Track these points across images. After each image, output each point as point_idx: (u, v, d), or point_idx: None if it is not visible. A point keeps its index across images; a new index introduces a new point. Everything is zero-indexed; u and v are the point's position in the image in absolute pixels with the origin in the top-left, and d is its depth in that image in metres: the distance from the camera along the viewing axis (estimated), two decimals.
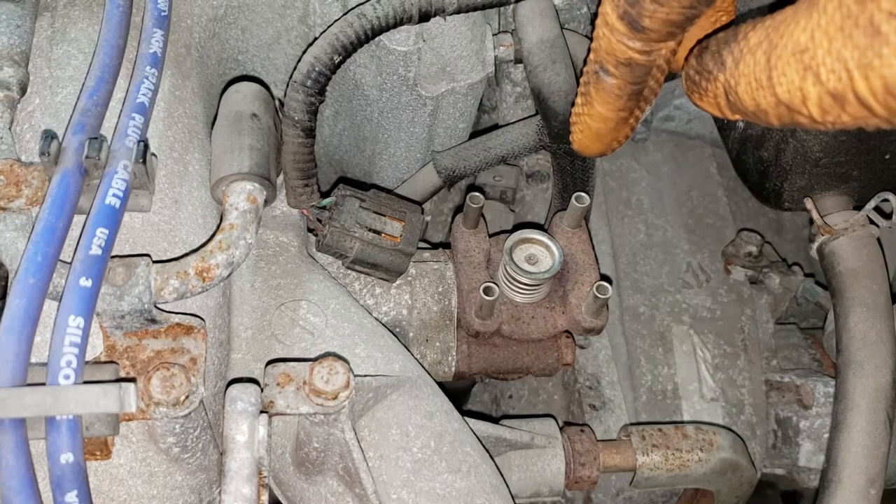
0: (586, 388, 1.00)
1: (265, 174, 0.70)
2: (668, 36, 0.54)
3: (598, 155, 0.64)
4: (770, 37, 0.44)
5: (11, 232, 0.60)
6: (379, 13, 0.78)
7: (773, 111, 0.44)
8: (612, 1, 0.54)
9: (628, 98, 0.59)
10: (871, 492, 0.79)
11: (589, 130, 0.63)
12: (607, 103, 0.59)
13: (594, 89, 0.59)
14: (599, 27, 0.56)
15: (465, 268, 0.85)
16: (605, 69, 0.57)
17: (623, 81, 0.57)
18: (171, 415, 0.57)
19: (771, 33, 0.44)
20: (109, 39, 0.70)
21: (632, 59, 0.55)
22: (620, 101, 0.59)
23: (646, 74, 0.57)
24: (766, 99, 0.44)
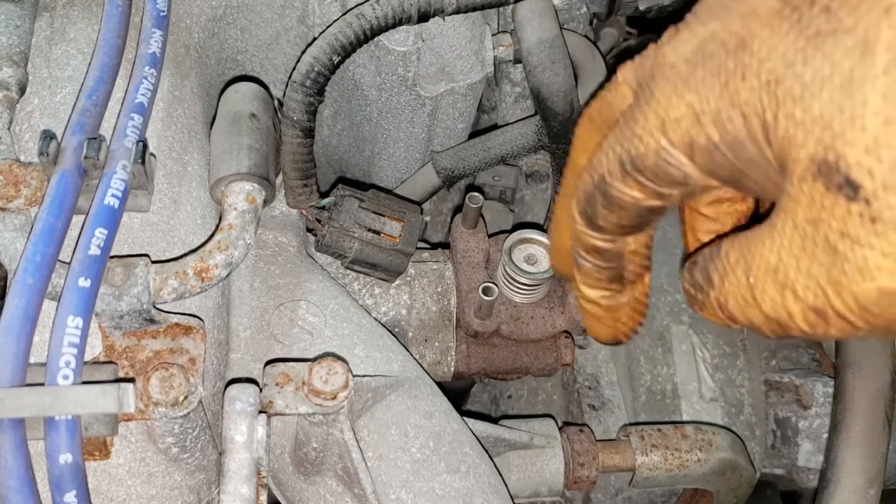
0: (585, 388, 1.00)
1: (264, 174, 0.70)
2: (627, 233, 0.55)
3: (611, 342, 0.65)
4: (745, 256, 0.44)
5: (10, 232, 0.60)
6: (378, 13, 0.78)
7: (766, 326, 0.44)
8: (576, 194, 0.55)
9: (608, 281, 0.59)
10: (869, 492, 0.79)
11: (587, 314, 0.63)
12: (589, 286, 0.60)
13: (577, 272, 0.60)
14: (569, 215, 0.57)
15: (464, 268, 0.85)
16: (579, 254, 0.58)
17: (595, 266, 0.58)
18: (169, 415, 0.57)
19: (745, 252, 0.44)
20: (108, 39, 0.70)
21: (597, 246, 0.56)
22: (601, 283, 0.59)
23: (618, 258, 0.57)
24: (756, 315, 0.44)
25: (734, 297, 0.45)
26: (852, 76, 0.37)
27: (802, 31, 0.39)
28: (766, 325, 0.44)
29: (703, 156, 0.45)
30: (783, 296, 0.42)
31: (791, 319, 0.42)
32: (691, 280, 0.50)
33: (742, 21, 0.43)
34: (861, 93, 0.36)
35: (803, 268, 0.40)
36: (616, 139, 0.50)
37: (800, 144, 0.39)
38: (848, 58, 0.37)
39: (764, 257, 0.43)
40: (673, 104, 0.45)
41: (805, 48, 0.39)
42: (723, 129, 0.43)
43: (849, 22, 0.38)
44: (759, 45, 0.42)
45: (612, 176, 0.50)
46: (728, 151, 0.44)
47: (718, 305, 0.47)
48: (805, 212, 0.40)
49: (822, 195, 0.38)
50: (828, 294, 0.40)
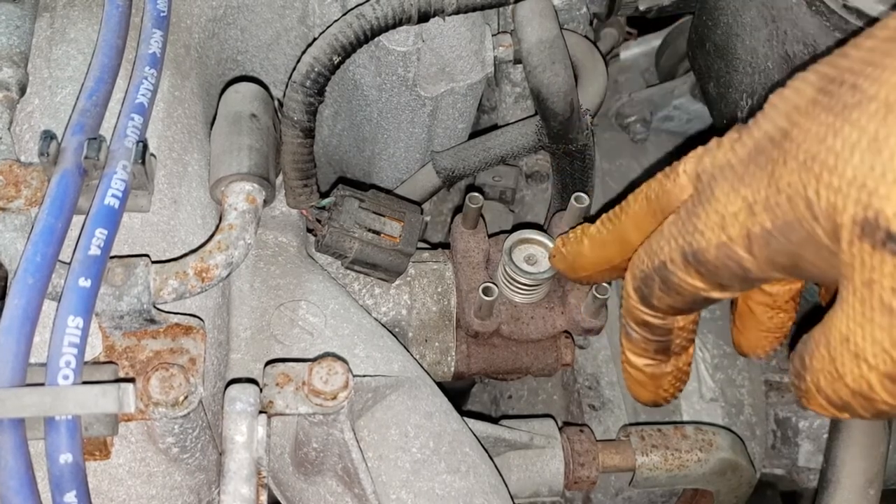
0: (585, 389, 1.00)
1: (264, 174, 0.70)
2: (678, 314, 0.58)
3: (651, 404, 0.69)
4: (824, 331, 0.45)
5: (10, 232, 0.60)
6: (378, 14, 0.78)
7: (855, 402, 0.45)
8: (631, 271, 0.58)
9: (655, 352, 0.63)
10: (869, 492, 0.79)
11: (631, 379, 0.66)
12: (636, 354, 0.64)
13: (625, 340, 0.64)
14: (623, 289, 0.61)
15: (464, 268, 0.85)
16: (629, 324, 0.62)
17: (643, 338, 0.62)
18: (169, 415, 0.57)
19: (825, 328, 0.45)
20: (109, 40, 0.70)
21: (648, 322, 0.59)
22: (648, 353, 0.63)
23: (666, 334, 0.61)
24: (843, 391, 0.45)
25: (822, 374, 0.46)
26: (877, 136, 0.38)
27: (832, 109, 0.42)
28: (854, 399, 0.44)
29: (759, 246, 0.47)
30: (859, 366, 0.42)
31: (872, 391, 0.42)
32: (793, 370, 0.50)
33: (786, 116, 0.46)
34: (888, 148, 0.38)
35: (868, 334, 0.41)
36: (679, 230, 0.52)
37: (842, 210, 0.41)
38: (873, 121, 0.39)
39: (837, 328, 0.44)
40: (731, 200, 0.48)
41: (835, 122, 0.41)
42: (773, 214, 0.45)
43: (871, 91, 0.40)
44: (797, 132, 0.44)
45: (673, 264, 0.53)
46: (781, 236, 0.46)
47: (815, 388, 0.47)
48: (859, 275, 0.41)
49: (870, 255, 0.40)
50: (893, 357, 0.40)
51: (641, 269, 0.57)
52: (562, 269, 0.74)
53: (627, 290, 0.59)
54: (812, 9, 0.69)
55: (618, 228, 0.62)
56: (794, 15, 0.72)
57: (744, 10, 0.82)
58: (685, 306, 0.56)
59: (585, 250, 0.67)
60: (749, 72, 0.82)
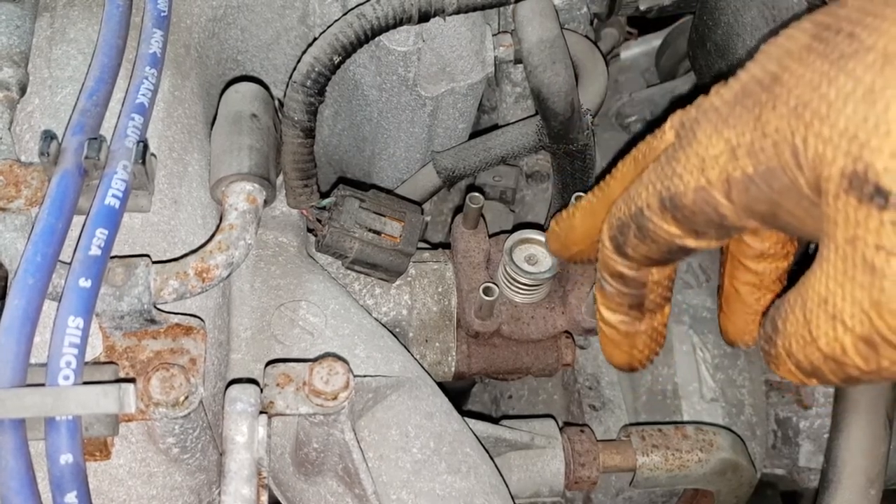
0: (586, 389, 1.00)
1: (265, 174, 0.70)
2: (652, 264, 0.56)
3: (626, 368, 0.66)
4: (801, 293, 0.44)
5: (11, 232, 0.60)
6: (378, 13, 0.78)
7: (825, 367, 0.43)
8: (608, 220, 0.57)
9: (629, 307, 0.61)
10: (870, 492, 0.79)
11: (605, 337, 0.64)
12: (610, 309, 0.62)
13: (599, 295, 0.62)
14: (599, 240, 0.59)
15: (464, 268, 0.85)
16: (603, 277, 0.60)
17: (617, 291, 0.60)
18: (170, 415, 0.57)
19: (801, 289, 0.44)
20: (109, 40, 0.70)
21: (621, 272, 0.58)
22: (622, 308, 0.61)
23: (640, 287, 0.59)
24: (815, 355, 0.43)
25: (795, 338, 0.44)
26: (873, 87, 0.37)
27: (828, 57, 0.41)
28: (824, 365, 0.43)
29: (739, 191, 0.45)
30: (834, 328, 0.41)
31: (845, 354, 0.41)
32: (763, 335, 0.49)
33: (777, 60, 0.44)
34: (883, 100, 0.37)
35: (847, 293, 0.40)
36: (657, 175, 0.51)
37: (830, 161, 0.39)
38: (869, 71, 0.38)
39: (815, 289, 0.42)
40: (713, 142, 0.46)
41: (829, 71, 0.40)
42: (756, 159, 0.44)
43: (870, 41, 0.38)
44: (788, 76, 0.43)
45: (650, 210, 0.51)
46: (762, 183, 0.44)
47: (786, 353, 0.46)
48: (842, 231, 0.39)
49: (856, 209, 0.38)
50: (871, 318, 0.39)
51: (618, 217, 0.55)
52: (556, 249, 0.73)
53: (603, 240, 0.57)
54: (812, 9, 0.69)
55: (606, 193, 0.60)
56: (795, 15, 0.72)
57: (744, 10, 0.82)
58: (660, 256, 0.54)
59: (577, 222, 0.65)
60: None
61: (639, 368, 0.66)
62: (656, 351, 0.65)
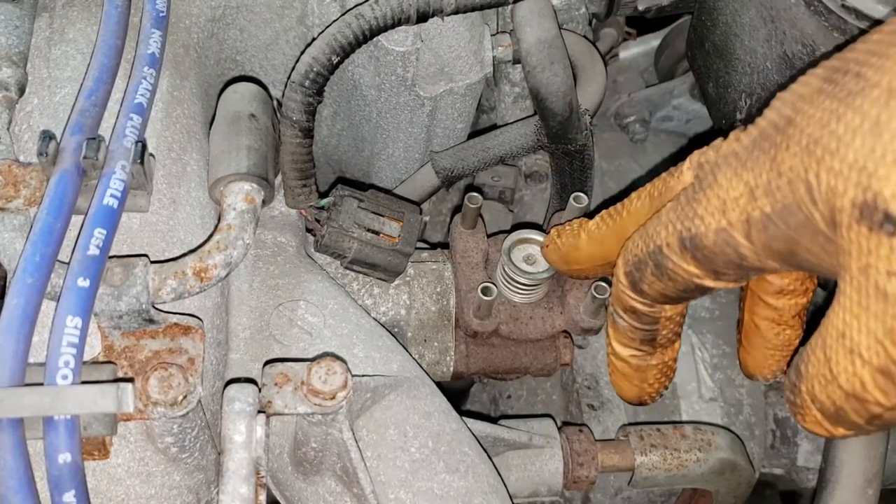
0: (584, 388, 1.00)
1: (263, 174, 0.70)
2: (667, 302, 0.57)
3: (635, 402, 0.67)
4: (821, 333, 0.44)
5: (9, 232, 0.60)
6: (377, 14, 0.78)
7: (848, 406, 0.43)
8: (624, 256, 0.58)
9: (640, 342, 0.62)
10: (868, 492, 0.79)
11: (615, 371, 0.66)
12: (621, 343, 0.63)
13: (611, 329, 0.63)
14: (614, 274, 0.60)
15: (463, 268, 0.85)
16: (616, 311, 0.61)
17: (630, 325, 0.61)
18: (168, 415, 0.57)
19: (821, 329, 0.44)
20: (108, 40, 0.70)
21: (635, 308, 0.59)
22: (634, 343, 0.62)
23: (653, 323, 0.60)
24: (836, 394, 0.43)
25: (817, 379, 0.44)
26: (879, 120, 0.39)
27: (836, 96, 0.42)
28: (847, 404, 0.43)
29: (758, 231, 0.46)
30: (853, 363, 0.41)
31: (865, 390, 0.41)
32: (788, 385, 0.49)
33: (791, 105, 0.46)
34: (889, 132, 0.38)
35: (863, 325, 0.40)
36: (677, 215, 0.52)
37: (841, 193, 0.40)
38: (875, 106, 0.39)
39: (834, 325, 0.42)
40: (733, 185, 0.48)
41: (838, 108, 0.41)
42: (773, 198, 0.45)
43: (875, 78, 0.40)
44: (801, 118, 0.44)
45: (669, 249, 0.52)
46: (780, 220, 0.45)
47: (810, 398, 0.46)
48: (856, 261, 0.40)
49: (867, 238, 0.39)
50: (886, 347, 0.39)
51: (635, 254, 0.56)
52: (553, 260, 0.73)
53: (618, 275, 0.59)
54: (811, 9, 0.70)
55: (618, 224, 0.61)
56: (793, 15, 0.72)
57: (742, 11, 0.82)
58: (675, 294, 0.55)
59: (582, 244, 0.66)
60: (748, 72, 0.82)
61: (648, 402, 0.67)
62: (666, 385, 0.66)
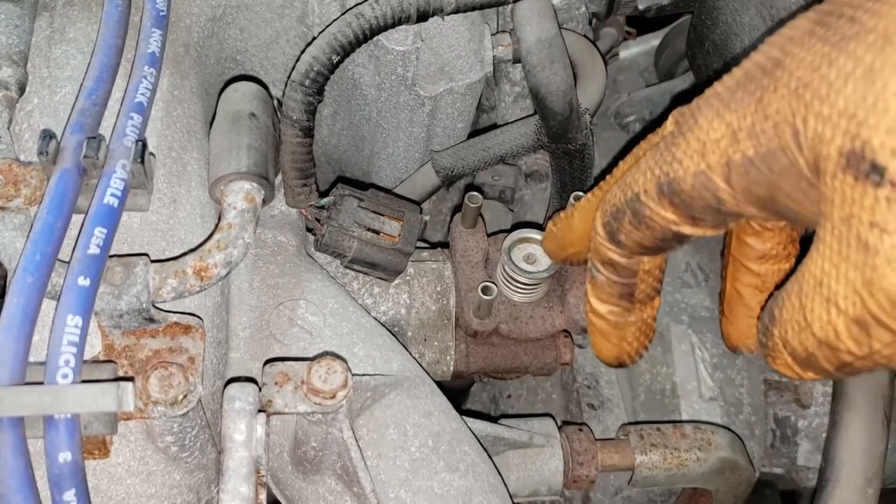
0: (585, 388, 1.00)
1: (263, 174, 0.70)
2: (645, 253, 0.56)
3: (614, 363, 0.65)
4: (798, 279, 0.43)
5: (10, 231, 0.60)
6: (377, 13, 0.78)
7: (820, 353, 0.42)
8: (602, 207, 0.56)
9: (619, 297, 0.60)
10: (868, 491, 0.79)
11: (594, 329, 0.64)
12: (600, 299, 0.61)
13: (589, 285, 0.62)
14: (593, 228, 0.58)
15: (463, 267, 0.85)
16: (595, 265, 0.59)
17: (607, 280, 0.59)
18: (169, 414, 0.57)
19: (798, 275, 0.43)
20: (108, 39, 0.70)
21: (613, 260, 0.57)
22: (612, 298, 0.60)
23: (631, 276, 0.58)
24: (809, 340, 0.43)
25: (790, 324, 0.44)
26: (873, 66, 0.37)
27: (829, 40, 0.41)
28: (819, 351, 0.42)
29: (738, 175, 0.45)
30: (828, 311, 0.41)
31: (838, 339, 0.40)
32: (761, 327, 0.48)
33: (780, 46, 0.44)
34: (881, 79, 0.37)
35: (842, 274, 0.39)
36: (655, 161, 0.50)
37: (829, 140, 0.39)
38: (869, 51, 0.38)
39: (811, 272, 0.42)
40: (714, 126, 0.46)
41: (830, 52, 0.40)
42: (756, 142, 0.43)
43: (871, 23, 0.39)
44: (790, 60, 0.43)
45: (647, 195, 0.51)
46: (762, 165, 0.44)
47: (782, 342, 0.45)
48: (838, 210, 0.39)
49: (852, 187, 0.38)
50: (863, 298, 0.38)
51: (613, 204, 0.55)
52: (551, 250, 0.72)
53: (596, 227, 0.57)
54: (810, 6, 0.69)
55: (604, 192, 0.60)
56: (793, 14, 0.72)
57: (742, 10, 0.82)
58: (654, 244, 0.54)
59: (575, 222, 0.65)
60: None
61: (627, 363, 0.65)
62: (645, 345, 0.64)
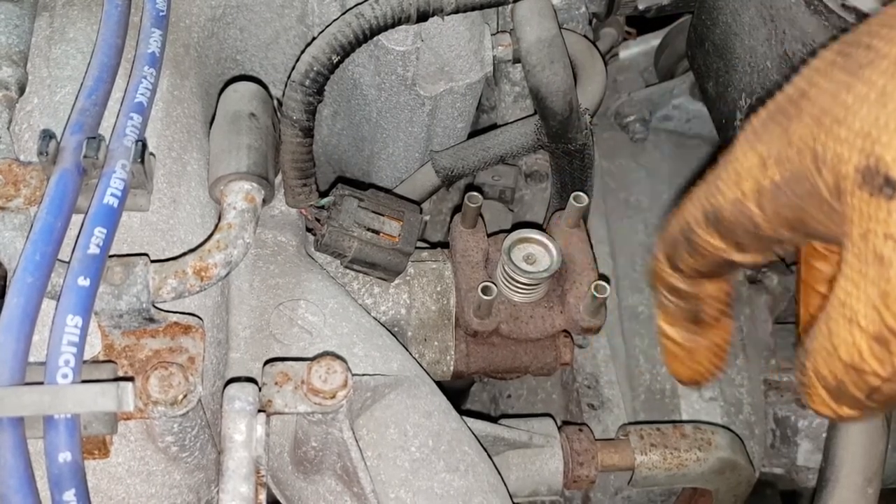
0: (585, 388, 1.00)
1: (263, 174, 0.70)
2: (704, 277, 0.59)
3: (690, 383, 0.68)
4: (826, 308, 0.45)
5: (10, 231, 0.60)
6: (377, 13, 0.78)
7: (847, 379, 0.43)
8: (662, 237, 0.59)
9: (686, 321, 0.63)
10: (868, 491, 0.79)
11: (667, 352, 0.66)
12: (668, 323, 0.64)
13: (659, 311, 0.65)
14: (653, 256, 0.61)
15: (463, 267, 0.85)
16: (661, 292, 0.62)
17: (674, 305, 0.62)
18: (169, 414, 0.57)
19: (827, 304, 0.45)
20: (108, 39, 0.70)
21: (676, 287, 0.60)
22: (679, 322, 0.63)
23: (696, 300, 0.61)
24: (837, 366, 0.43)
25: (820, 353, 0.44)
26: (885, 90, 0.39)
27: (848, 68, 0.43)
28: (846, 376, 0.43)
29: (768, 200, 0.47)
30: (851, 332, 0.41)
31: (862, 360, 0.41)
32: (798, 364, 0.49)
33: (806, 78, 0.47)
34: (893, 100, 0.39)
35: (861, 292, 0.40)
36: (703, 192, 0.54)
37: (846, 160, 0.41)
38: (883, 76, 0.40)
39: (836, 295, 0.43)
40: (747, 157, 0.49)
41: (848, 80, 0.42)
42: (783, 168, 0.46)
43: (885, 50, 0.41)
44: (814, 90, 0.45)
45: (697, 224, 0.54)
46: (788, 189, 0.46)
47: (815, 375, 0.45)
48: (857, 227, 0.41)
49: (868, 203, 0.40)
50: (881, 312, 0.39)
51: (670, 234, 0.58)
52: None
53: (658, 255, 0.60)
54: (810, 8, 0.70)
55: None
56: (793, 14, 0.72)
57: (742, 10, 0.82)
58: (709, 269, 0.57)
59: None
60: (748, 71, 0.82)
61: (702, 384, 0.67)
62: (719, 366, 0.66)
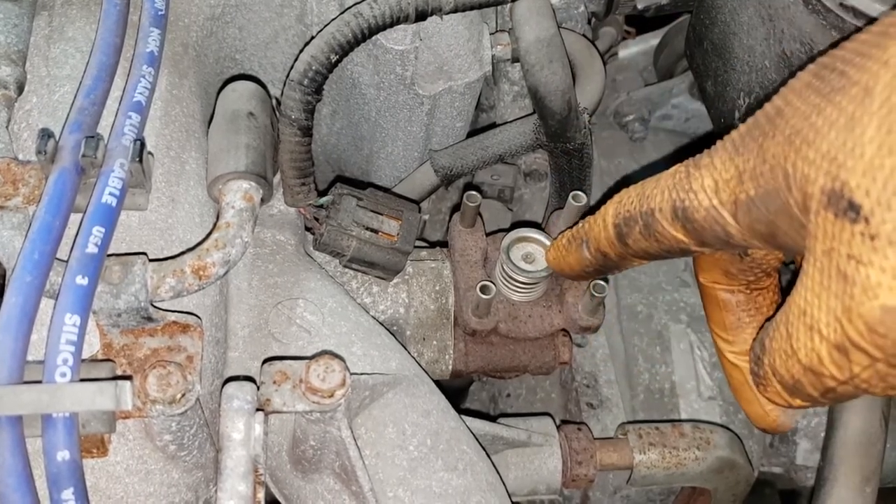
0: (583, 387, 1.00)
1: (262, 173, 0.70)
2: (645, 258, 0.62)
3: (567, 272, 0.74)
4: (785, 310, 0.48)
5: (8, 230, 0.61)
6: (376, 12, 0.78)
7: (805, 379, 0.46)
8: (616, 208, 0.62)
9: (595, 270, 0.69)
10: (866, 490, 0.79)
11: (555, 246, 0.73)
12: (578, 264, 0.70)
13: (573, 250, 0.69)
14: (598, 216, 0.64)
15: (462, 266, 0.85)
16: (587, 245, 0.66)
17: (596, 261, 0.67)
18: (167, 412, 0.57)
19: (785, 307, 0.48)
20: (106, 38, 0.70)
21: (608, 254, 0.64)
22: (588, 269, 0.69)
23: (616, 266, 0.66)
24: (795, 367, 0.47)
25: (778, 353, 0.48)
26: (853, 115, 0.42)
27: (821, 91, 0.46)
28: (804, 377, 0.46)
29: (743, 213, 0.50)
30: (812, 338, 0.44)
31: (822, 364, 0.44)
32: (753, 357, 0.52)
33: (783, 97, 0.50)
34: (860, 126, 0.41)
35: (823, 303, 0.43)
36: (674, 185, 0.56)
37: (813, 181, 0.44)
38: (852, 103, 0.43)
39: (797, 302, 0.46)
40: (726, 167, 0.52)
41: (820, 103, 0.45)
42: (757, 183, 0.49)
43: (856, 77, 0.43)
44: (789, 109, 0.48)
45: (661, 214, 0.56)
46: (761, 205, 0.49)
47: (771, 371, 0.49)
48: (820, 244, 0.43)
49: (832, 223, 0.42)
50: (843, 324, 0.42)
51: (627, 209, 0.60)
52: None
53: (606, 222, 0.62)
54: (809, 7, 0.70)
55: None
56: (791, 14, 0.72)
57: (741, 9, 0.82)
58: (658, 253, 0.59)
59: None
60: (746, 70, 0.82)
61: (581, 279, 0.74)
62: None
